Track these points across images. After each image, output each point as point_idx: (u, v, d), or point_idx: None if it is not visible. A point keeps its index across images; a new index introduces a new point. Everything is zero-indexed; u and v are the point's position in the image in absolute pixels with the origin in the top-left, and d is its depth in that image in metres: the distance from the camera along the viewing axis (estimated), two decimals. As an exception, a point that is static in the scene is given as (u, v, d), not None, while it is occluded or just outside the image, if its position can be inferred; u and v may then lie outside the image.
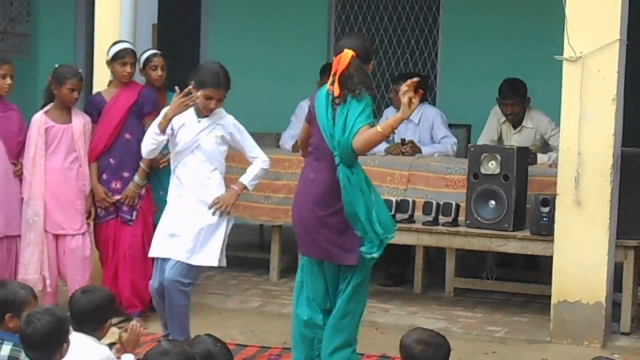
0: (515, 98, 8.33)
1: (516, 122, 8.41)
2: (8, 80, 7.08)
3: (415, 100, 5.67)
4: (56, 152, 7.14)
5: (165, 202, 7.41)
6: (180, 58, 10.86)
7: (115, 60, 7.26)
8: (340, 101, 5.70)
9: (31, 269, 7.11)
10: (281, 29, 10.59)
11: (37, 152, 7.10)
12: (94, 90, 7.62)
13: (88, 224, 7.27)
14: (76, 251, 7.16)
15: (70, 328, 4.81)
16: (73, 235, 7.17)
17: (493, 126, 8.54)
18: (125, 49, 7.26)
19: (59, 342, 4.52)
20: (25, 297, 4.98)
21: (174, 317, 6.39)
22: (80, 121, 7.19)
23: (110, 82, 7.40)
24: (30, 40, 11.34)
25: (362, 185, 5.72)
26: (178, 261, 6.32)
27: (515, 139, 8.33)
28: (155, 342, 6.68)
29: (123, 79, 7.26)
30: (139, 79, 7.45)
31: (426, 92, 9.33)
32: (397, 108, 8.71)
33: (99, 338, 5.02)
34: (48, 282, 7.14)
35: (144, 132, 7.27)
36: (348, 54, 5.70)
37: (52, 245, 7.15)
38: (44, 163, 7.11)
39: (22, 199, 7.13)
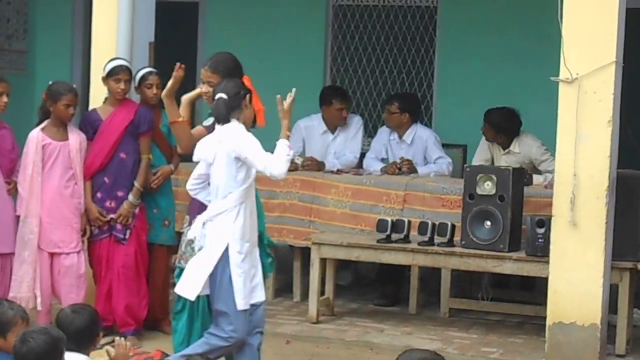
0: (497, 131, 8.36)
1: (504, 145, 8.42)
2: (4, 99, 7.06)
3: None
4: (53, 169, 7.13)
5: (159, 220, 7.43)
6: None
7: (110, 76, 7.25)
8: None
9: (24, 286, 7.08)
10: (277, 46, 10.60)
11: (35, 169, 7.09)
12: (90, 107, 7.61)
13: (83, 242, 7.25)
14: (71, 269, 7.13)
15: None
16: (68, 254, 7.14)
17: (485, 146, 8.57)
18: (120, 66, 7.26)
19: (55, 361, 4.51)
20: (12, 317, 4.98)
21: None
22: (76, 138, 7.18)
23: (105, 99, 7.40)
24: (27, 57, 11.34)
25: None
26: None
27: (504, 160, 8.35)
28: (149, 361, 6.68)
29: (117, 95, 7.25)
30: (135, 97, 7.45)
31: (420, 112, 9.35)
32: (390, 127, 8.76)
33: (89, 354, 5.03)
34: (39, 300, 7.10)
35: (138, 152, 7.28)
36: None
37: (46, 264, 7.13)
38: (41, 181, 7.10)
39: (17, 216, 7.11)
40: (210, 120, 6.07)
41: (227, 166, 5.74)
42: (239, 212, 5.74)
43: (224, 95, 5.85)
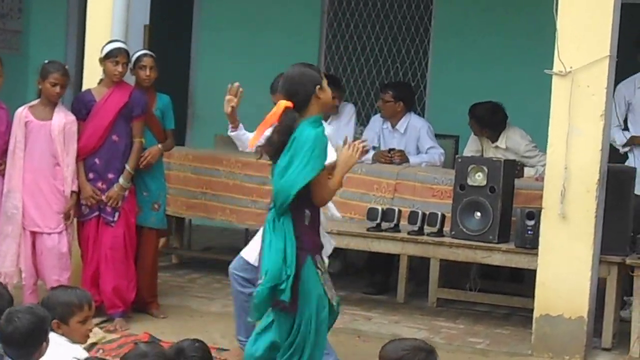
0: (482, 126, 8.37)
1: (492, 138, 8.43)
2: (-2, 79, 7.07)
3: None
4: (34, 148, 7.11)
5: (149, 203, 7.43)
6: (171, 59, 10.87)
7: (107, 58, 7.23)
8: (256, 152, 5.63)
9: (8, 261, 7.10)
10: (272, 34, 10.60)
11: (17, 145, 7.09)
12: (84, 88, 7.59)
13: (68, 224, 7.21)
14: (52, 250, 7.12)
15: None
16: (49, 234, 7.14)
17: (476, 138, 8.59)
18: (119, 49, 7.25)
19: (39, 340, 4.50)
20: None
21: None
22: (61, 119, 7.13)
23: (100, 80, 7.39)
24: (21, 37, 11.32)
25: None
26: None
27: (492, 153, 8.36)
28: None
29: (114, 77, 7.24)
30: (130, 79, 7.45)
31: (414, 102, 9.36)
32: (384, 117, 8.76)
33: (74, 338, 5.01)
34: (24, 275, 7.10)
35: (131, 135, 7.27)
36: (281, 105, 5.21)
37: (28, 242, 7.13)
38: (23, 157, 7.08)
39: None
40: None
41: None
42: None
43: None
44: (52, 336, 4.85)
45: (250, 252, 6.19)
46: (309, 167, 5.07)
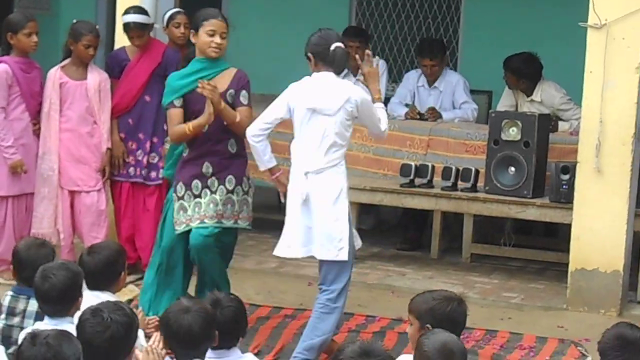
0: (518, 76, 8.29)
1: (527, 92, 8.35)
2: (34, 38, 7.06)
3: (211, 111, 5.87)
4: (71, 109, 7.14)
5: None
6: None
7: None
8: None
9: (45, 222, 7.15)
10: (301, 12, 10.47)
11: (52, 107, 7.11)
12: (116, 47, 7.60)
13: (104, 181, 7.27)
14: (91, 208, 7.17)
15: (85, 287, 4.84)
16: (88, 192, 7.18)
17: (510, 93, 8.51)
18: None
19: (75, 295, 4.56)
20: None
21: None
22: (95, 78, 7.16)
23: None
24: (51, -3, 11.33)
25: None
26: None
27: (527, 108, 8.29)
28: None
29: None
30: (163, 37, 7.46)
31: (448, 57, 9.29)
32: (428, 79, 8.63)
33: (114, 292, 5.06)
34: (62, 236, 7.16)
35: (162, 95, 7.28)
36: None
37: (67, 202, 7.18)
38: (59, 119, 7.11)
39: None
40: None
41: (344, 121, 5.73)
42: (344, 167, 5.79)
43: (341, 45, 5.81)
44: (95, 294, 4.90)
45: None
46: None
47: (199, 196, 6.03)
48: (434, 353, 3.86)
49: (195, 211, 6.01)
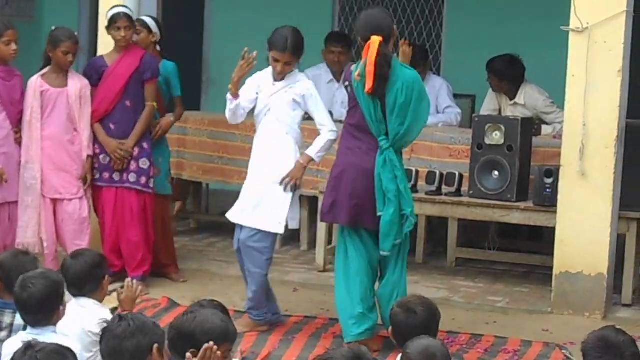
0: (500, 78, 8.31)
1: (510, 95, 8.37)
2: (13, 46, 7.04)
3: None
4: (52, 117, 7.11)
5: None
6: (184, 26, 10.86)
7: (110, 25, 7.20)
8: (373, 93, 5.88)
9: (30, 232, 7.12)
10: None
11: (33, 115, 7.08)
12: (99, 54, 7.57)
13: (85, 189, 7.23)
14: (73, 215, 7.16)
15: (69, 294, 4.82)
16: (70, 200, 7.16)
17: (493, 96, 8.53)
18: (118, 14, 7.17)
19: (56, 305, 4.50)
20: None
21: (250, 279, 6.48)
22: (76, 85, 7.13)
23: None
24: (34, 4, 11.29)
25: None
26: (246, 226, 6.39)
27: (510, 111, 8.31)
28: (156, 308, 6.72)
29: (120, 43, 7.19)
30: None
31: (431, 62, 9.30)
32: None
33: (101, 300, 5.04)
34: (45, 244, 7.14)
35: (143, 99, 7.26)
36: (376, 41, 5.84)
37: (49, 210, 7.15)
38: (40, 127, 7.09)
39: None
40: None
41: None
42: None
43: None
44: (80, 300, 4.89)
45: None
46: (427, 111, 6.21)
47: None
48: (416, 356, 3.90)
49: None
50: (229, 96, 6.38)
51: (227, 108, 6.43)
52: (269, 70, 6.45)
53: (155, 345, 3.92)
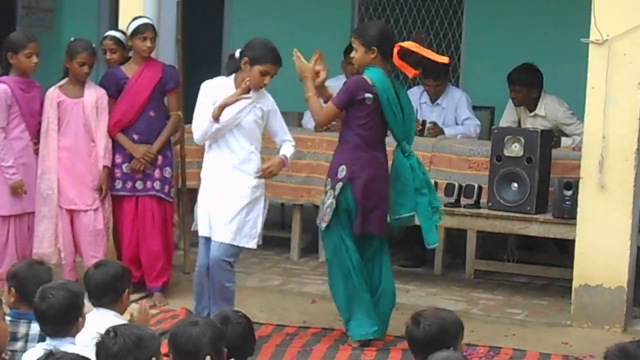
0: (520, 85, 8.26)
1: (530, 106, 8.33)
2: (34, 59, 7.06)
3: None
4: (69, 127, 7.14)
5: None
6: (204, 36, 10.87)
7: (135, 35, 7.22)
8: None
9: (46, 242, 7.14)
10: (305, 7, 10.55)
11: (50, 126, 7.11)
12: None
13: (101, 199, 7.23)
14: (88, 227, 7.17)
15: (90, 305, 4.82)
16: (85, 211, 7.18)
17: (512, 108, 8.49)
18: (145, 24, 7.23)
19: (75, 316, 4.50)
20: None
21: (219, 296, 6.38)
22: (92, 95, 7.16)
23: (129, 58, 7.38)
24: (54, 15, 11.35)
25: None
26: (221, 242, 6.32)
27: (530, 123, 8.27)
28: (174, 319, 6.71)
29: (143, 53, 7.23)
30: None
31: (450, 74, 9.28)
32: (432, 97, 8.66)
33: (121, 312, 5.03)
34: (63, 254, 7.15)
35: (165, 109, 7.30)
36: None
37: (66, 220, 7.17)
38: (57, 137, 7.11)
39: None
40: None
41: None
42: None
43: None
44: (100, 311, 4.89)
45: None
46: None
47: None
48: None
49: None
50: (209, 119, 6.24)
51: (204, 131, 6.28)
52: (226, 80, 6.39)
53: (153, 359, 3.90)
